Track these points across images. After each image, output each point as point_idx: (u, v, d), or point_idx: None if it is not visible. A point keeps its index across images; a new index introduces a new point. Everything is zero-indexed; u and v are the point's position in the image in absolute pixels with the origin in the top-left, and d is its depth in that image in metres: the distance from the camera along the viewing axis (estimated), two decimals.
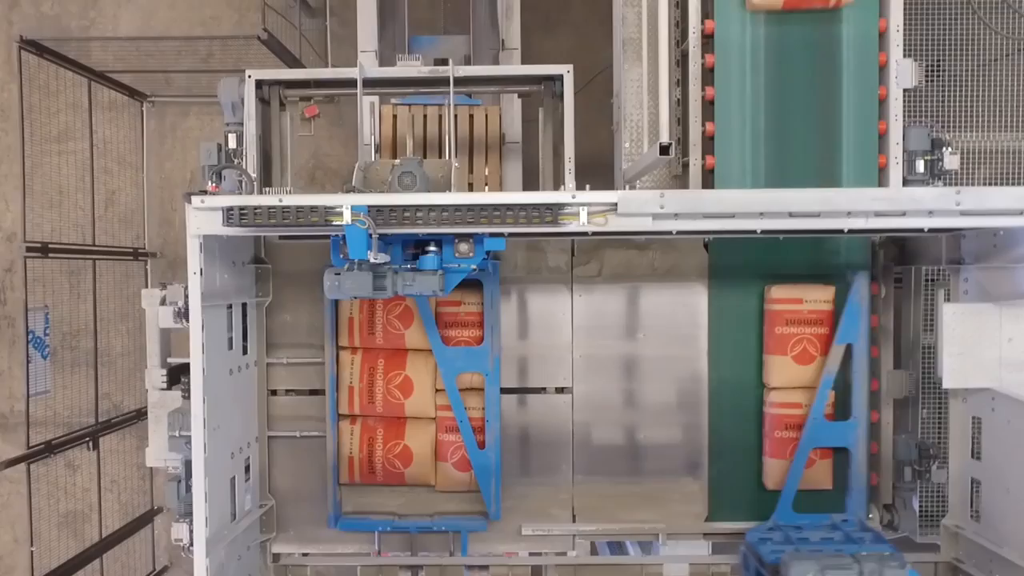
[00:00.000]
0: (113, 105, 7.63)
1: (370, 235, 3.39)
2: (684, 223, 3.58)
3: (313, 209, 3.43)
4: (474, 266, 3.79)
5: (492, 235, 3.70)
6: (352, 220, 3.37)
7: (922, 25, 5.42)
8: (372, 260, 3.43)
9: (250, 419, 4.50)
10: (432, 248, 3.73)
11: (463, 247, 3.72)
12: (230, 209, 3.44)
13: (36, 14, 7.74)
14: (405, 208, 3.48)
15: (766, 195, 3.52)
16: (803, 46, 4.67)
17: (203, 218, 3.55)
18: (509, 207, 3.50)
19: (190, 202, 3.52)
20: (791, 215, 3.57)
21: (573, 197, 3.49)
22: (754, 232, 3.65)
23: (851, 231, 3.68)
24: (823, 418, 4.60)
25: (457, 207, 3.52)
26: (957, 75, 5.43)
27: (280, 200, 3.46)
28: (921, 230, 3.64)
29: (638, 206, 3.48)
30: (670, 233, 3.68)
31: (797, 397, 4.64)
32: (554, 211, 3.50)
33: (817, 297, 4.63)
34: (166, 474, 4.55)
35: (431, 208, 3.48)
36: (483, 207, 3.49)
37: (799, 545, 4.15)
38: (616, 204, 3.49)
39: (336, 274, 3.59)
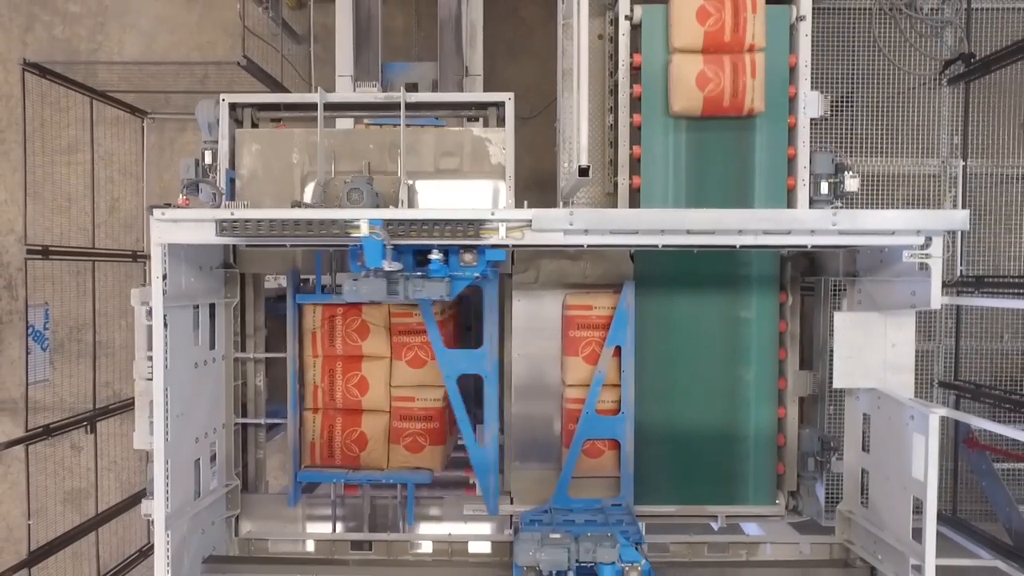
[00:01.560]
0: (117, 121, 7.77)
1: (386, 245, 3.51)
2: (593, 238, 3.72)
3: (334, 223, 3.53)
4: (477, 274, 3.84)
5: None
6: (370, 233, 3.48)
7: (834, 61, 5.56)
8: (387, 268, 3.55)
9: (217, 407, 4.62)
10: (435, 254, 3.78)
11: (467, 256, 3.79)
12: (233, 222, 3.57)
13: (48, 37, 7.89)
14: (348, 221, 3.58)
15: (665, 214, 3.66)
16: None
17: (164, 228, 3.69)
18: (436, 222, 3.63)
19: (152, 214, 3.65)
20: (688, 232, 3.70)
21: (492, 214, 3.62)
22: (656, 247, 3.78)
23: (743, 247, 3.81)
24: (595, 413, 4.68)
25: (400, 222, 3.64)
26: (866, 106, 5.57)
27: (299, 214, 3.56)
28: (805, 247, 3.76)
29: (550, 222, 3.62)
30: (581, 247, 3.81)
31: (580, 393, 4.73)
32: (476, 226, 3.62)
33: (604, 304, 4.73)
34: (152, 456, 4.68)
35: (322, 223, 3.60)
36: (413, 222, 3.62)
37: (565, 526, 4.19)
38: (531, 221, 3.62)
39: (354, 280, 3.72)
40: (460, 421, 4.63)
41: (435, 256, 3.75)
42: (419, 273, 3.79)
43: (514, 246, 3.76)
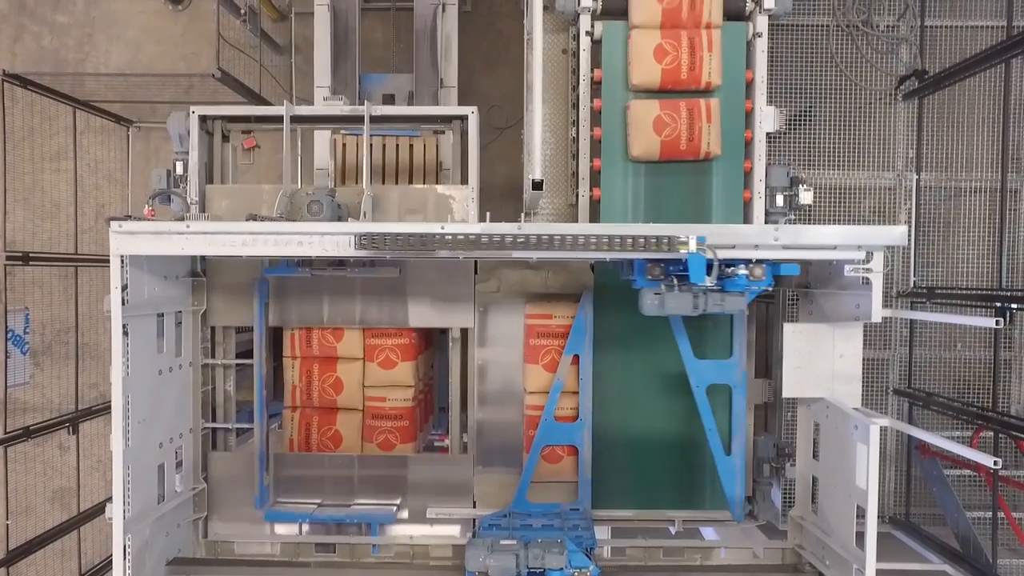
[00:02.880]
0: (104, 130, 7.74)
1: (710, 262, 3.49)
2: (543, 253, 3.68)
3: (662, 239, 3.53)
4: (768, 287, 3.79)
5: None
6: (696, 249, 3.47)
7: (792, 76, 5.54)
8: (709, 284, 3.54)
9: (183, 413, 4.60)
10: (742, 270, 3.73)
11: (757, 271, 3.74)
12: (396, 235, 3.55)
13: (37, 47, 7.85)
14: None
15: (612, 229, 3.62)
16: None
17: (123, 240, 3.66)
18: (394, 235, 3.59)
19: (109, 225, 3.62)
20: (635, 248, 3.67)
21: (442, 228, 3.59)
22: (604, 260, 3.76)
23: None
24: (553, 419, 4.68)
25: (360, 234, 3.59)
26: (823, 120, 5.55)
27: (639, 231, 3.56)
28: (749, 260, 3.73)
29: (500, 235, 3.59)
30: (530, 259, 3.78)
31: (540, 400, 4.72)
32: (426, 241, 3.59)
33: (564, 313, 4.72)
34: None
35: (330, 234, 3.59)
36: (375, 236, 3.58)
37: (522, 531, 4.20)
38: (479, 235, 3.59)
39: (656, 294, 3.65)
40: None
41: (740, 271, 3.72)
42: (715, 286, 3.69)
43: (464, 257, 3.74)
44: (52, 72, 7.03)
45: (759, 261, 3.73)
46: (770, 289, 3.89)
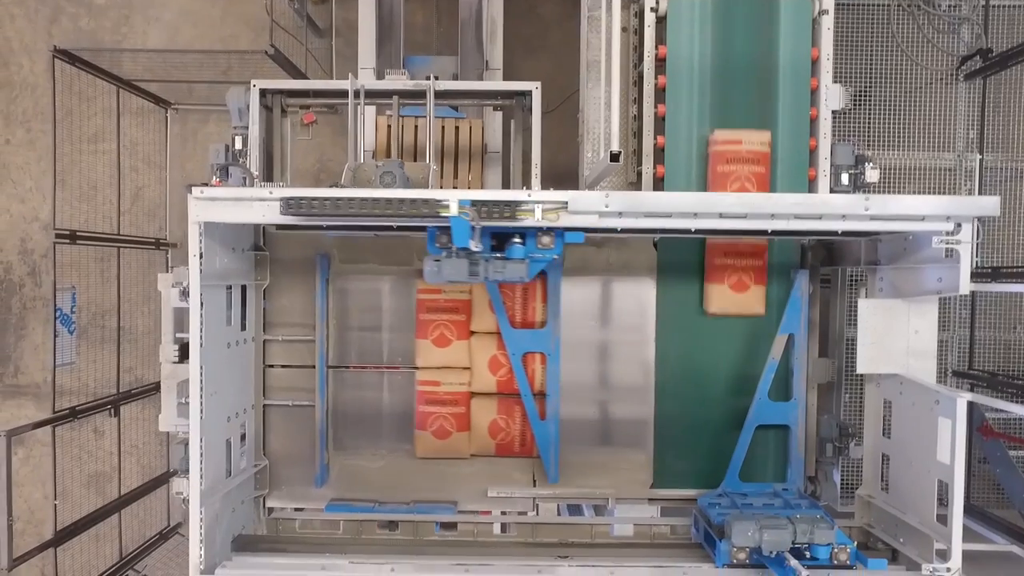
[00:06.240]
0: (141, 111, 7.67)
1: (472, 226, 3.41)
2: (627, 221, 3.63)
3: (426, 202, 3.42)
4: (555, 256, 3.73)
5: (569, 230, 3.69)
6: (459, 212, 3.38)
7: (853, 55, 5.49)
8: (473, 248, 3.45)
9: (246, 388, 4.54)
10: (517, 240, 3.69)
11: (545, 239, 3.68)
12: (336, 200, 3.44)
13: (74, 28, 7.78)
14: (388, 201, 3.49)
15: (699, 197, 3.58)
16: (745, 69, 4.74)
17: (202, 207, 3.60)
18: (473, 203, 3.54)
19: (191, 192, 3.56)
20: (721, 216, 3.63)
21: (529, 196, 3.54)
22: (689, 231, 3.70)
23: (774, 232, 3.74)
24: (767, 399, 4.64)
25: (427, 201, 3.54)
26: (883, 100, 5.50)
27: (387, 194, 3.46)
28: (836, 232, 3.68)
29: (586, 204, 3.54)
30: (615, 231, 3.73)
31: None
32: (512, 208, 3.54)
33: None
34: (176, 438, 4.59)
35: (402, 201, 3.50)
36: (474, 202, 3.51)
37: (743, 509, 4.21)
38: (567, 203, 3.54)
39: (435, 261, 3.58)
40: (524, 396, 4.56)
41: (516, 240, 3.67)
42: (497, 255, 3.68)
43: (547, 228, 3.68)
44: (92, 48, 6.95)
45: (549, 229, 3.66)
46: (558, 257, 3.83)
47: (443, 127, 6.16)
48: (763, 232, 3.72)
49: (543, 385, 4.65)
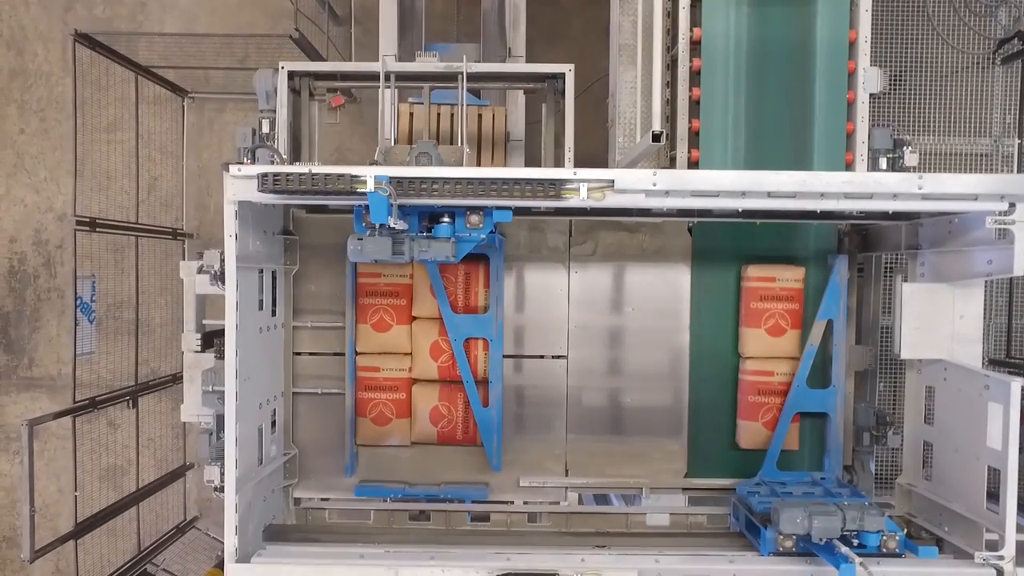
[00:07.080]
0: (157, 100, 7.58)
1: (391, 202, 3.35)
2: (674, 200, 3.55)
3: (340, 177, 3.37)
4: (483, 236, 3.69)
5: (499, 208, 3.66)
6: (375, 188, 3.32)
7: (888, 40, 5.41)
8: (392, 225, 3.39)
9: (277, 375, 4.45)
10: (446, 219, 3.66)
11: (473, 219, 3.64)
12: (264, 175, 3.39)
13: (89, 16, 7.69)
14: (423, 180, 3.45)
15: (748, 176, 3.48)
16: (781, 52, 4.67)
17: (239, 185, 3.51)
18: (517, 181, 3.46)
19: (228, 171, 3.47)
20: (770, 195, 3.54)
21: (575, 174, 3.46)
22: (736, 211, 3.62)
23: (823, 213, 3.66)
24: (805, 386, 4.56)
25: (470, 180, 3.47)
26: (918, 84, 5.42)
27: (309, 169, 3.41)
28: (886, 212, 3.60)
29: (633, 183, 3.45)
30: (660, 212, 3.65)
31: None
32: (557, 186, 3.46)
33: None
34: (199, 429, 4.51)
35: (447, 181, 3.44)
36: (494, 181, 3.45)
37: (784, 498, 4.12)
38: (613, 181, 3.45)
39: (359, 239, 3.54)
40: (465, 381, 4.47)
41: (444, 219, 3.63)
42: (424, 235, 3.64)
43: (592, 209, 3.60)
44: (108, 31, 6.86)
45: (478, 208, 3.60)
46: (483, 238, 3.73)
47: (466, 111, 6.07)
48: (811, 214, 3.63)
49: (487, 372, 4.52)
